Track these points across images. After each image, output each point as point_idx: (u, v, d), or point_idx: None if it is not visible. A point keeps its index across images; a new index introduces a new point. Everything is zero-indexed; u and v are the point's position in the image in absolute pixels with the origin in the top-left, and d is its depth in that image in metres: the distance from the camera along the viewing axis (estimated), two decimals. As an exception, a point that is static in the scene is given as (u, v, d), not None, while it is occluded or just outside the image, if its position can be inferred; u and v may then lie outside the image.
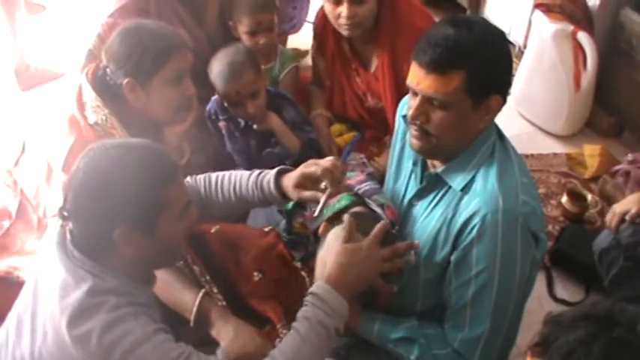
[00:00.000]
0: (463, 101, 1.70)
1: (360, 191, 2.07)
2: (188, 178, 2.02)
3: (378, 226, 1.80)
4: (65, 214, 1.54)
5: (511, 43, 4.05)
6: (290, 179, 1.93)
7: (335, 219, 1.95)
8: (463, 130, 1.77)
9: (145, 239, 1.54)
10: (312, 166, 1.90)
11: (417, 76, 1.73)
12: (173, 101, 2.12)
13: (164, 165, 1.57)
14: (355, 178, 2.17)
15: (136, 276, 1.59)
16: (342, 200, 2.01)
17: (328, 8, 2.63)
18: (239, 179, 2.00)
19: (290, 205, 2.14)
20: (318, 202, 1.91)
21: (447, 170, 1.83)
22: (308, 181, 1.91)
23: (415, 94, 1.76)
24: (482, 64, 1.68)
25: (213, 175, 2.03)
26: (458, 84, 1.68)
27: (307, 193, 1.92)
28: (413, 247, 1.84)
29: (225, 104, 2.52)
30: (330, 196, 1.91)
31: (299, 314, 1.68)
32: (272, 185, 1.94)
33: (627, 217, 2.48)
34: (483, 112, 1.74)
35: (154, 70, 2.05)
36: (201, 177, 2.03)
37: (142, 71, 2.04)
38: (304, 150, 2.58)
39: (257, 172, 2.00)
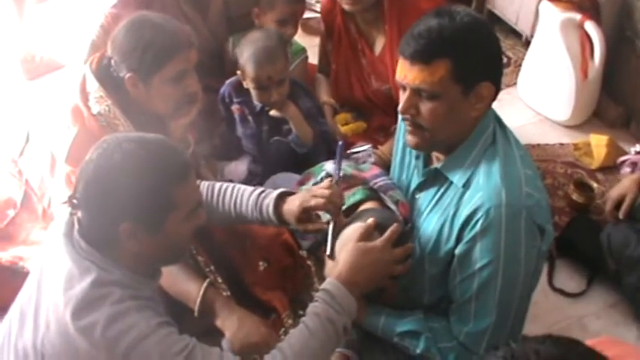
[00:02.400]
0: (451, 90, 1.70)
1: (375, 186, 2.07)
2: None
3: (392, 228, 1.80)
4: (75, 201, 1.53)
5: (518, 32, 4.03)
6: (290, 212, 1.88)
7: (349, 212, 1.95)
8: (455, 119, 1.75)
9: (150, 237, 1.53)
10: (312, 200, 1.85)
11: (403, 69, 1.73)
12: (174, 98, 2.10)
13: (176, 163, 1.56)
14: (370, 172, 2.17)
15: (140, 270, 1.59)
16: (356, 194, 2.01)
17: None
18: (240, 195, 1.96)
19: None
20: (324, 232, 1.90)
21: (446, 165, 1.82)
22: (310, 214, 1.89)
23: (404, 88, 1.76)
24: (467, 51, 1.68)
25: (217, 184, 2.01)
26: (444, 72, 1.67)
27: (312, 227, 1.90)
28: (412, 249, 1.85)
29: (251, 87, 2.49)
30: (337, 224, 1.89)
31: (309, 309, 1.69)
32: (271, 211, 1.90)
33: (620, 215, 2.55)
34: (474, 100, 1.73)
35: (155, 68, 2.03)
36: (205, 184, 2.00)
37: (143, 68, 2.02)
38: (317, 142, 2.57)
39: (258, 191, 1.95)
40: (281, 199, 1.91)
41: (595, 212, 2.97)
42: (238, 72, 2.51)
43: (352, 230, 1.82)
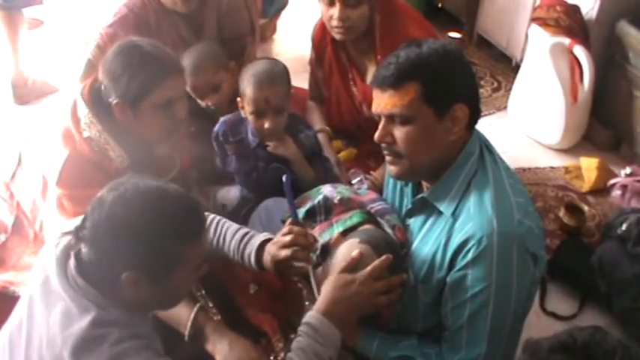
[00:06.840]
0: (424, 112, 1.72)
1: (372, 210, 2.06)
2: None
3: (376, 262, 1.78)
4: (80, 235, 1.51)
5: (508, 57, 4.07)
6: (268, 265, 1.90)
7: (346, 234, 1.95)
8: (432, 144, 1.76)
9: (152, 287, 1.52)
10: (281, 251, 1.86)
11: (376, 99, 1.78)
12: (162, 125, 2.10)
13: (193, 222, 1.55)
14: (367, 196, 2.17)
15: (136, 312, 1.57)
16: (354, 217, 2.01)
17: (322, 9, 2.65)
18: (224, 233, 1.97)
19: (301, 214, 2.12)
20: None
21: (433, 193, 1.83)
22: (286, 264, 1.90)
23: (380, 118, 1.79)
24: (436, 73, 1.71)
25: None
26: (414, 95, 1.70)
27: (294, 273, 1.95)
28: (404, 280, 1.83)
29: (248, 113, 2.39)
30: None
31: (293, 345, 1.70)
32: (253, 261, 1.92)
33: None
34: (450, 123, 1.74)
35: (142, 95, 2.03)
36: None
37: (130, 94, 2.02)
38: (318, 182, 2.41)
39: (242, 232, 1.96)
40: (261, 248, 1.92)
41: (586, 235, 2.98)
42: (238, 99, 2.43)
43: (340, 257, 1.82)
